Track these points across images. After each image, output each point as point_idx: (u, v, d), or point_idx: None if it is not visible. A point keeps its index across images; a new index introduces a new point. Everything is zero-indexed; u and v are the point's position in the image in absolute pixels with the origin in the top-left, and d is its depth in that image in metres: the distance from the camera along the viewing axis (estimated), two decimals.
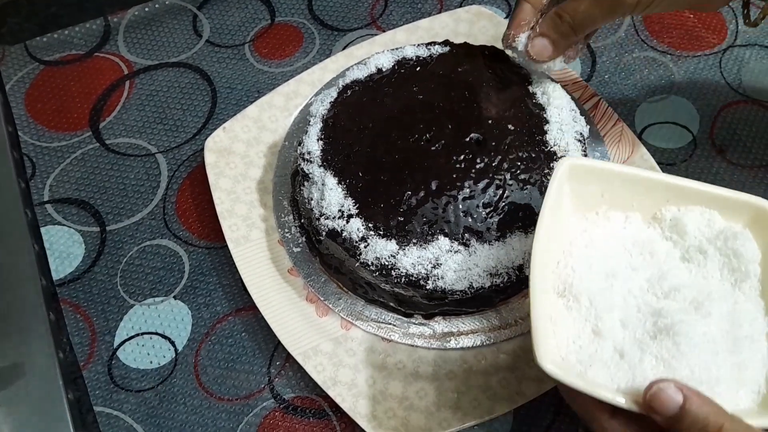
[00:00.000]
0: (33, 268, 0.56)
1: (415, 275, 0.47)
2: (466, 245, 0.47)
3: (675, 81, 0.63)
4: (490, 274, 0.47)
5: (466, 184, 0.48)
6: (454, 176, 0.48)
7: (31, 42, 0.68)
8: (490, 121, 0.50)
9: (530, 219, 0.48)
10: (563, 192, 0.42)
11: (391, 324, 0.51)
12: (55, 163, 0.62)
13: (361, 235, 0.48)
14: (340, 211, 0.49)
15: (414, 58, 0.55)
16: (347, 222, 0.48)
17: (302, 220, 0.55)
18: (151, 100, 0.65)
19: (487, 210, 0.48)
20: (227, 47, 0.68)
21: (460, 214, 0.47)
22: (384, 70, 0.54)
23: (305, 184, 0.51)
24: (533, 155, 0.50)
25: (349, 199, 0.49)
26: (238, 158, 0.58)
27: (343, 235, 0.48)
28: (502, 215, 0.48)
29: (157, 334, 0.54)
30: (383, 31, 0.66)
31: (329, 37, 0.68)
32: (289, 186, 0.57)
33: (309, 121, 0.53)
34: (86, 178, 0.61)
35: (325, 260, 0.53)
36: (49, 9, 0.70)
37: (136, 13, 0.69)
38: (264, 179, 0.58)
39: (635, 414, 0.35)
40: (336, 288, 0.53)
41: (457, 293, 0.47)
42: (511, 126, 0.50)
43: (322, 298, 0.52)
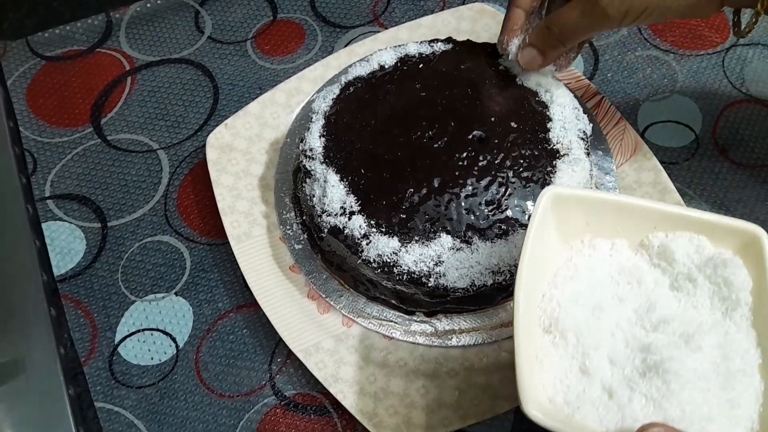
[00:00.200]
0: (34, 264, 0.56)
1: (417, 272, 0.47)
2: (468, 243, 0.47)
3: (678, 80, 0.63)
4: (492, 272, 0.47)
5: (469, 181, 0.48)
6: (457, 174, 0.48)
7: (33, 37, 0.68)
8: (492, 119, 0.50)
9: None
10: (546, 222, 0.41)
11: (392, 321, 0.51)
12: (56, 159, 0.62)
13: (363, 232, 0.48)
14: (342, 208, 0.48)
15: (417, 56, 0.54)
16: (349, 219, 0.48)
17: (304, 217, 0.54)
18: (153, 96, 0.65)
19: (490, 208, 0.47)
20: (229, 44, 0.67)
21: (463, 211, 0.47)
22: (386, 67, 0.54)
23: (307, 180, 0.51)
24: (536, 153, 0.49)
25: (351, 196, 0.49)
26: (240, 155, 0.58)
27: (345, 232, 0.48)
28: (505, 213, 0.47)
29: (158, 330, 0.54)
30: (386, 29, 0.66)
31: (331, 34, 0.68)
32: (291, 183, 0.56)
33: (311, 118, 0.53)
34: (87, 173, 0.61)
35: (327, 257, 0.53)
36: (51, 4, 0.70)
37: (138, 9, 0.69)
38: (266, 176, 0.58)
39: None
40: (337, 285, 0.52)
41: (459, 291, 0.47)
42: (513, 123, 0.50)
43: (324, 295, 0.52)
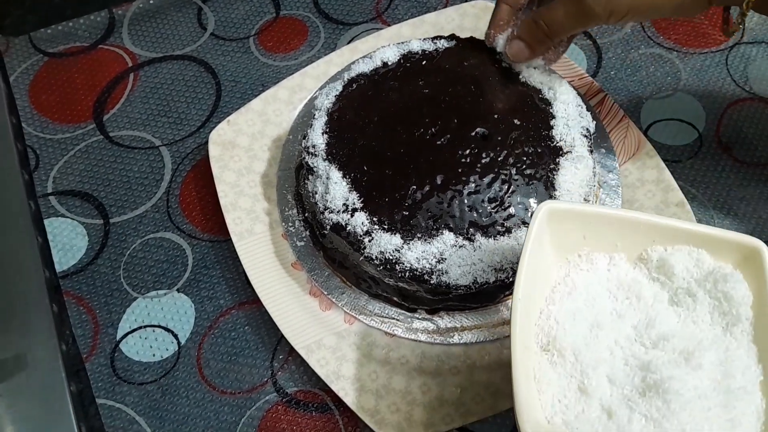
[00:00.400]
0: (36, 260, 0.56)
1: (419, 270, 0.46)
2: (470, 240, 0.47)
3: (681, 78, 0.63)
4: (495, 270, 0.47)
5: (472, 178, 0.48)
6: (460, 171, 0.48)
7: (36, 33, 0.68)
8: (496, 116, 0.50)
9: None
10: (543, 237, 0.40)
11: (394, 319, 0.51)
12: (58, 155, 0.62)
13: (365, 229, 0.47)
14: (344, 204, 0.48)
15: (420, 52, 0.54)
16: (352, 216, 0.48)
17: (306, 214, 0.54)
18: (156, 92, 0.65)
19: (493, 205, 0.47)
20: (232, 40, 0.67)
21: (465, 208, 0.47)
22: (389, 63, 0.54)
23: (309, 177, 0.51)
24: (539, 150, 0.49)
25: (354, 192, 0.49)
26: (243, 151, 0.58)
27: (348, 229, 0.48)
28: (508, 210, 0.47)
29: (160, 326, 0.54)
30: (388, 26, 0.66)
31: (334, 31, 0.67)
32: (294, 179, 0.56)
33: (314, 115, 0.53)
34: (90, 170, 0.61)
35: (329, 254, 0.53)
36: (54, 1, 0.70)
37: (141, 6, 0.69)
38: (268, 173, 0.58)
39: None
40: (339, 282, 0.52)
41: (462, 288, 0.47)
42: (517, 121, 0.50)
43: (326, 292, 0.52)
